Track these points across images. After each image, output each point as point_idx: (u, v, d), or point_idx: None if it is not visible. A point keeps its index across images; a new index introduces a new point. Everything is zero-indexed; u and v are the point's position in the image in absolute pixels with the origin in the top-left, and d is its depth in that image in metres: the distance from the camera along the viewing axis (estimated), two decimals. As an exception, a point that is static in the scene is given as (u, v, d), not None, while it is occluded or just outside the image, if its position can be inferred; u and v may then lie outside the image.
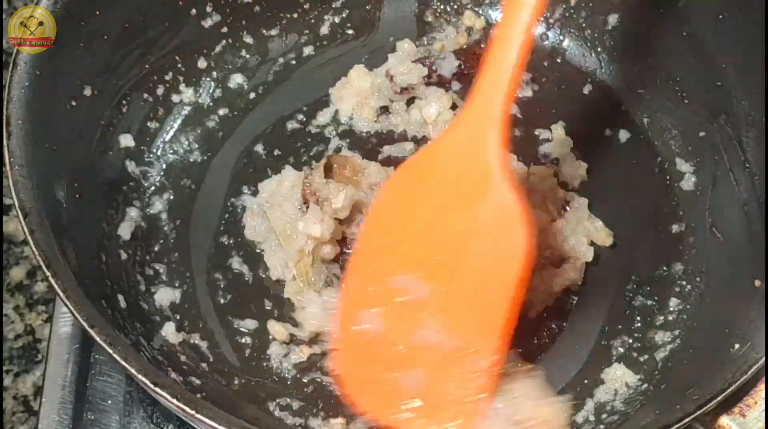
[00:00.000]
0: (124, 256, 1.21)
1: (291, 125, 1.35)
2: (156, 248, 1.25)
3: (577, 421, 1.14)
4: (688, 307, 1.22)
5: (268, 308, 1.22)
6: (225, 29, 1.36)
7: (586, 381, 1.17)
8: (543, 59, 1.41)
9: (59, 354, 1.23)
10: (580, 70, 1.40)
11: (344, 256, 1.22)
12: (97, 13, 1.19)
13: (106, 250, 1.18)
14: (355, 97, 1.35)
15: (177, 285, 1.23)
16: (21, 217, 1.02)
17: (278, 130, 1.35)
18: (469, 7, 1.44)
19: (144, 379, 0.95)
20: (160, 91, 1.31)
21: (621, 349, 1.20)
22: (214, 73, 1.36)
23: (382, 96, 1.36)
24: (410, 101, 1.37)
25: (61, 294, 0.99)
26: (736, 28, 1.21)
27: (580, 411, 1.14)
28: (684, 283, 1.23)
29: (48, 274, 1.00)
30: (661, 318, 1.22)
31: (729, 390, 0.97)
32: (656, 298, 1.23)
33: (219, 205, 1.30)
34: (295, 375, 1.18)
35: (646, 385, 1.16)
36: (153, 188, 1.29)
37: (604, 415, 1.14)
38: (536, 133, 1.35)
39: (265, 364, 1.18)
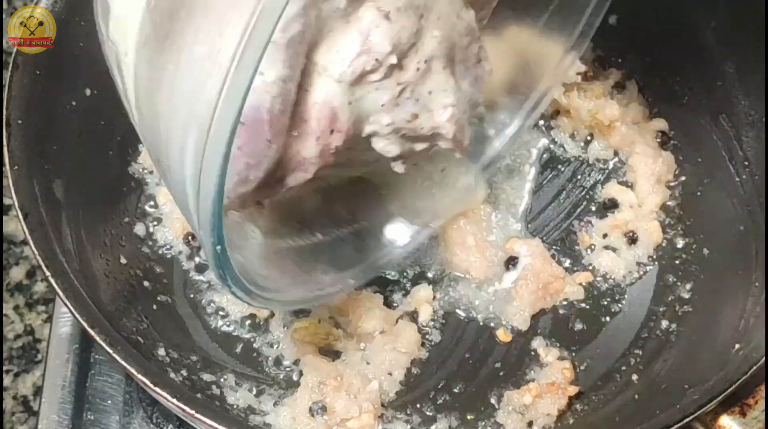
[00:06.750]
0: (123, 260, 1.20)
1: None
2: (156, 248, 1.25)
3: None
4: (688, 306, 1.22)
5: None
6: (225, 29, 1.35)
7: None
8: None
9: (59, 354, 1.23)
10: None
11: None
12: (97, 13, 1.19)
13: (106, 250, 1.18)
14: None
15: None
16: (21, 217, 1.02)
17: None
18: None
19: (144, 379, 0.95)
20: (160, 91, 1.31)
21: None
22: (214, 73, 1.36)
23: None
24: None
25: (61, 294, 0.99)
26: (736, 28, 1.21)
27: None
28: (684, 282, 1.24)
29: (48, 274, 1.00)
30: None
31: (729, 390, 0.97)
32: (656, 297, 1.23)
33: (219, 204, 1.29)
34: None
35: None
36: (153, 188, 1.28)
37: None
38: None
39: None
